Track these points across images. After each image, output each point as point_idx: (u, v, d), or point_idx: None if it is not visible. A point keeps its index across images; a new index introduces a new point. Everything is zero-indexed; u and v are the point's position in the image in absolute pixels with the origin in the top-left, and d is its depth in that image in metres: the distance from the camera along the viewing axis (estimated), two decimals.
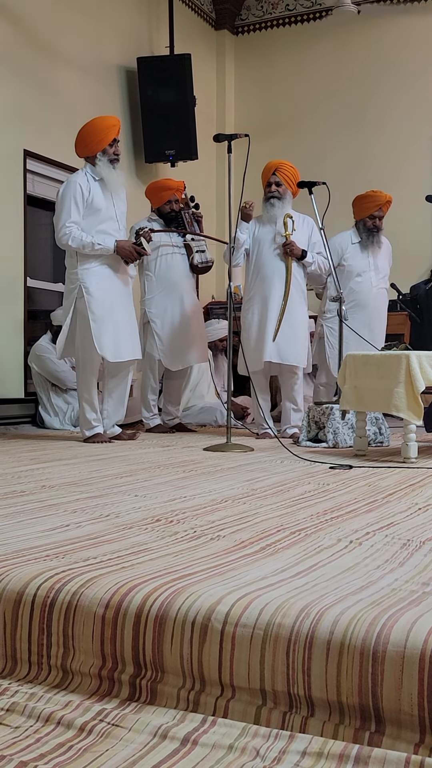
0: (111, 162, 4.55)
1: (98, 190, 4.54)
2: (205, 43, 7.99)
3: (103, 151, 4.53)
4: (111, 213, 4.56)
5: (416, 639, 1.17)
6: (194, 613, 1.32)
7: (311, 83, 7.84)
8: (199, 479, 2.97)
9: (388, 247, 5.40)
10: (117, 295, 4.57)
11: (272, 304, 4.79)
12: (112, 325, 4.52)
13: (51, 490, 2.65)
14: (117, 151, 4.58)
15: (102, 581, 1.45)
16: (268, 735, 1.19)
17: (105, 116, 4.71)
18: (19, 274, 5.67)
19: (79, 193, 4.47)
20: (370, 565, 1.62)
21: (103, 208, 4.53)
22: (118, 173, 4.60)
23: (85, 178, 4.53)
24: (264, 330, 4.79)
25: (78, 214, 4.47)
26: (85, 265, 4.51)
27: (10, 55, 5.55)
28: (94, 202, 4.51)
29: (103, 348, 4.47)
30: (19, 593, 1.47)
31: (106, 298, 4.50)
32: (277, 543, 1.82)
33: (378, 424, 4.39)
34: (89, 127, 4.56)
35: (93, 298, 4.47)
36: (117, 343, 4.54)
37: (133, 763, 1.11)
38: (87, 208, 4.50)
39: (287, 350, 4.79)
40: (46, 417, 5.64)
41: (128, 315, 4.66)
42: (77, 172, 4.66)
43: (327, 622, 1.24)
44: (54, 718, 1.25)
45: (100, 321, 4.47)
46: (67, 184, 4.55)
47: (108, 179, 4.54)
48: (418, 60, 7.38)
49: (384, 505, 2.39)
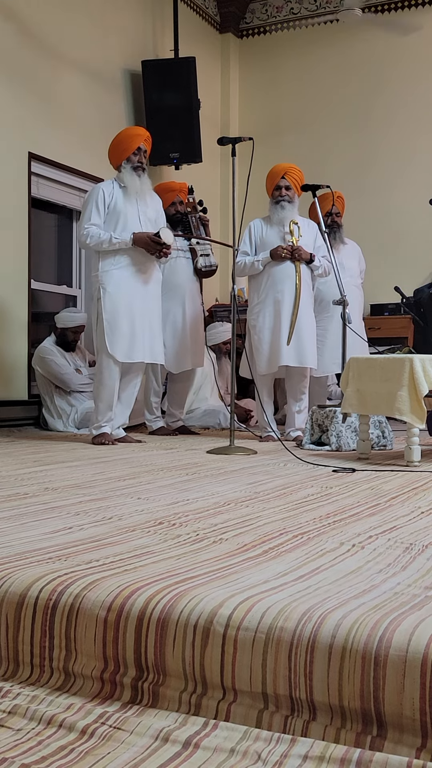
0: (135, 169, 4.64)
1: (123, 197, 4.63)
2: (210, 46, 8.00)
3: (127, 159, 4.66)
4: (134, 218, 4.62)
5: (418, 643, 1.17)
6: (196, 617, 1.32)
7: (315, 87, 7.84)
8: (202, 482, 2.97)
9: (357, 248, 5.57)
10: (137, 297, 4.61)
11: (285, 307, 4.80)
12: (127, 326, 4.55)
13: (54, 493, 2.65)
14: (141, 159, 4.67)
15: (104, 584, 1.45)
16: (269, 739, 1.19)
17: (132, 126, 4.92)
18: (23, 276, 5.68)
19: (101, 198, 4.60)
20: (373, 568, 1.61)
21: (126, 213, 4.60)
22: (144, 180, 4.69)
23: (110, 185, 4.67)
24: (279, 333, 4.79)
25: (99, 217, 4.59)
26: (105, 268, 4.58)
27: (15, 58, 5.56)
28: (117, 206, 4.61)
29: (115, 348, 4.51)
30: (21, 595, 1.47)
31: (122, 299, 4.55)
32: (280, 546, 1.82)
33: (381, 427, 4.39)
34: (116, 138, 4.75)
35: (108, 298, 4.54)
36: (131, 344, 4.56)
37: (134, 766, 1.11)
38: (110, 213, 4.60)
39: (303, 353, 4.80)
40: (49, 419, 5.65)
41: (150, 317, 4.68)
42: (107, 180, 4.80)
43: (329, 626, 1.24)
44: (56, 721, 1.25)
45: (113, 321, 4.51)
46: (91, 190, 4.76)
47: (130, 185, 4.63)
48: (423, 64, 7.38)
49: (387, 509, 2.39)
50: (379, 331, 6.82)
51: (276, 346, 4.80)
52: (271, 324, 4.83)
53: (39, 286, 6.02)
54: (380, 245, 7.30)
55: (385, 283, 6.98)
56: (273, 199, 4.94)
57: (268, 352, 4.83)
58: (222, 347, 6.33)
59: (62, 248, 6.48)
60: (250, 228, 4.98)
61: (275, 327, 4.82)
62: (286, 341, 4.76)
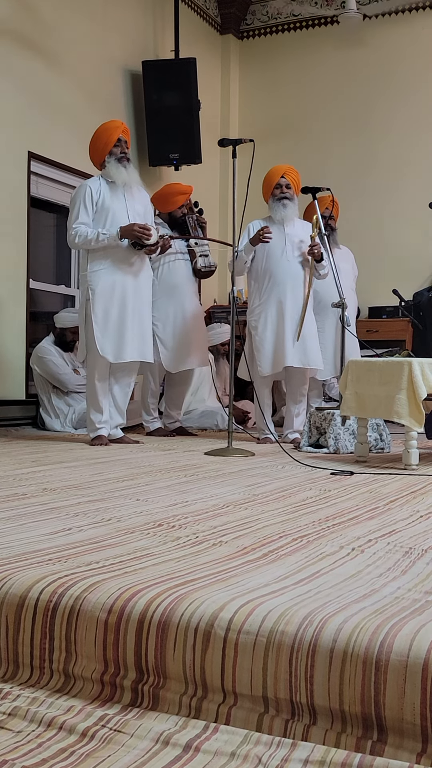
0: (119, 161, 4.60)
1: (110, 193, 4.60)
2: (210, 47, 8.00)
3: (110, 153, 4.62)
4: (123, 214, 4.58)
5: (419, 648, 1.17)
6: (197, 620, 1.32)
7: (315, 88, 7.85)
8: (201, 484, 2.97)
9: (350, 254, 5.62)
10: (127, 297, 4.58)
11: (288, 308, 4.77)
12: (116, 326, 4.53)
13: (53, 493, 2.65)
14: (124, 150, 4.63)
15: (105, 586, 1.45)
16: (270, 743, 1.19)
17: (105, 122, 4.79)
18: (21, 276, 5.68)
19: (88, 195, 4.55)
20: (373, 573, 1.62)
21: (114, 209, 4.56)
22: (130, 171, 4.64)
23: (97, 182, 4.63)
24: (282, 335, 4.77)
25: (87, 215, 4.55)
26: (94, 268, 4.55)
27: (15, 58, 5.56)
28: (105, 203, 4.57)
29: (105, 348, 4.50)
30: (21, 597, 1.47)
31: (110, 299, 4.52)
32: (280, 549, 1.82)
33: (379, 430, 4.39)
34: (93, 136, 4.70)
35: (96, 298, 4.51)
36: (120, 344, 4.55)
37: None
38: (98, 211, 4.56)
39: (308, 354, 4.80)
40: (47, 419, 5.64)
41: (140, 317, 4.67)
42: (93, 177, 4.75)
43: (330, 630, 1.24)
44: (56, 723, 1.24)
45: (102, 321, 4.50)
46: (78, 189, 4.68)
47: (117, 178, 4.59)
48: (422, 66, 7.39)
49: (386, 513, 2.39)
50: (377, 334, 6.83)
51: (280, 347, 4.78)
52: (275, 325, 4.81)
53: (37, 285, 6.01)
54: (379, 248, 7.31)
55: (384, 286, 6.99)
56: (274, 197, 4.90)
57: (271, 353, 4.81)
58: (220, 348, 6.33)
59: (61, 248, 6.47)
60: (250, 228, 4.95)
61: (279, 328, 4.79)
62: (293, 340, 4.74)
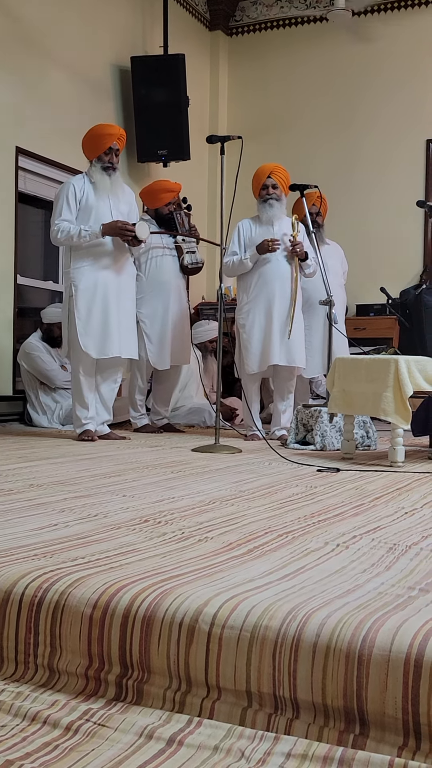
0: (105, 170, 4.61)
1: (94, 191, 4.61)
2: (199, 43, 8.00)
3: (98, 158, 4.63)
4: (106, 212, 4.58)
5: (401, 643, 1.18)
6: (182, 615, 1.32)
7: (304, 85, 7.86)
8: (188, 480, 2.97)
9: (339, 249, 5.58)
10: (109, 293, 4.58)
11: (276, 306, 4.78)
12: (99, 322, 4.54)
13: (39, 489, 2.65)
14: (113, 159, 4.63)
15: (90, 581, 1.45)
16: (253, 736, 1.20)
17: (106, 125, 4.82)
18: (9, 271, 5.66)
19: (72, 193, 4.56)
20: (357, 568, 1.63)
21: (97, 207, 4.57)
22: (114, 180, 4.65)
23: (81, 180, 4.64)
24: (270, 333, 4.77)
25: (70, 213, 4.56)
26: (77, 265, 4.56)
27: (3, 53, 5.53)
28: (88, 201, 4.57)
29: (88, 345, 4.50)
30: (6, 592, 1.47)
31: (93, 295, 4.52)
32: (265, 545, 1.83)
33: (366, 427, 4.41)
34: (89, 133, 4.70)
35: (79, 295, 4.52)
36: (104, 340, 4.55)
37: (118, 763, 1.11)
38: (81, 209, 4.57)
39: (293, 352, 4.81)
40: (34, 415, 5.63)
41: (123, 313, 4.67)
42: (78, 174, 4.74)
43: (313, 625, 1.25)
44: (40, 717, 1.25)
45: (84, 318, 4.51)
46: (62, 186, 4.69)
47: (99, 185, 4.60)
48: (409, 63, 7.42)
49: (371, 509, 2.40)
50: (364, 332, 6.84)
51: (267, 345, 4.79)
52: (262, 323, 4.82)
53: (25, 281, 6.00)
54: (366, 245, 7.33)
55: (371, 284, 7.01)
56: (260, 198, 4.93)
57: (258, 351, 4.82)
58: (208, 345, 6.33)
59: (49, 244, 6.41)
60: (239, 228, 4.96)
61: (266, 326, 4.80)
62: (280, 339, 4.75)
